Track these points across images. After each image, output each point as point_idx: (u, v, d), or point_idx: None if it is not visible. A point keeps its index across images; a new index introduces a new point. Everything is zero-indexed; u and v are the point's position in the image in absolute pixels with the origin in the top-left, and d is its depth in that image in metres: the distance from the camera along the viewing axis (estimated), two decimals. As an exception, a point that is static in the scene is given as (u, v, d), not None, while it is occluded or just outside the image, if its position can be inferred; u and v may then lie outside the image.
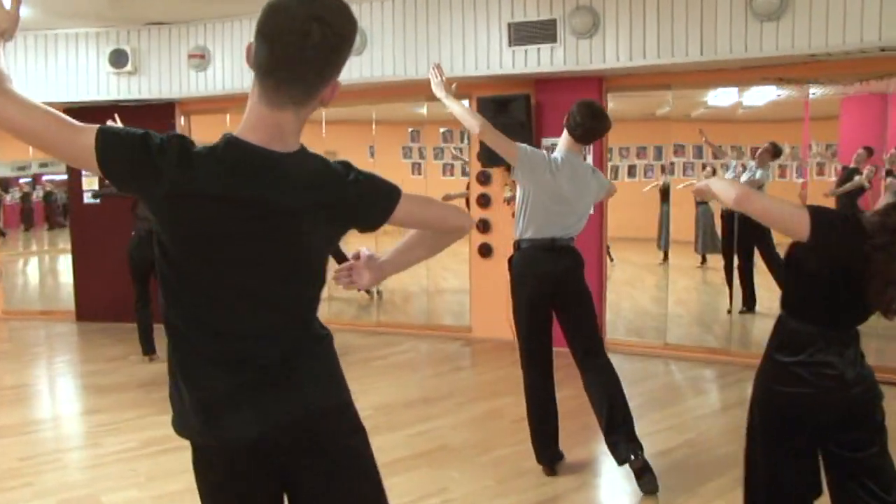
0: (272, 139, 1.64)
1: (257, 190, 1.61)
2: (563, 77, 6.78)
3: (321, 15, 1.55)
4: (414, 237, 1.99)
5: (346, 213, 1.73)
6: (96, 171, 1.60)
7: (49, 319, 8.85)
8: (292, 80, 1.60)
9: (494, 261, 7.41)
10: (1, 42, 1.63)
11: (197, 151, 1.60)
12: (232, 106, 8.18)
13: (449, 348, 7.35)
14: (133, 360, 6.91)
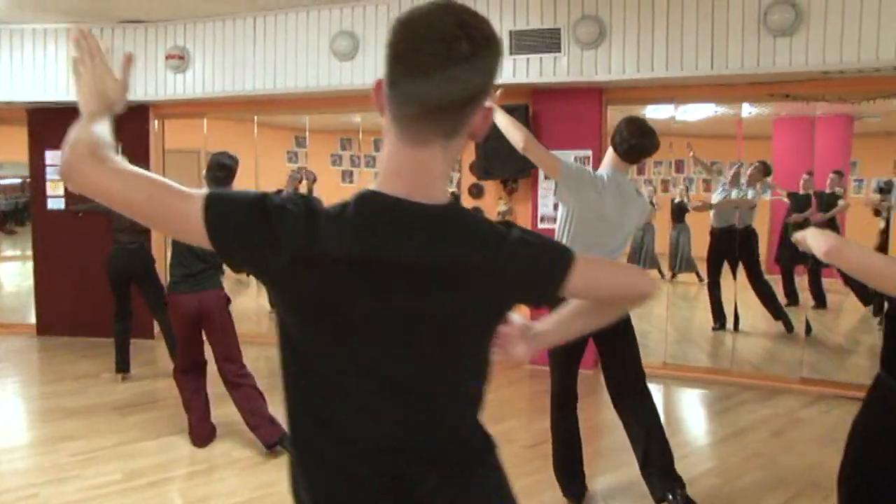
0: (416, 187, 1.34)
1: (398, 253, 1.31)
2: (563, 88, 6.57)
3: (466, 20, 1.27)
4: (582, 302, 1.63)
5: (507, 282, 1.40)
6: (206, 246, 1.31)
7: (5, 333, 8.29)
8: (436, 105, 1.29)
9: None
10: (108, 114, 1.52)
11: (325, 211, 1.32)
12: (210, 110, 7.80)
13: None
14: (105, 379, 6.47)
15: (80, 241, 7.87)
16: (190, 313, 4.74)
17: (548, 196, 6.79)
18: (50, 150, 7.91)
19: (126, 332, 6.47)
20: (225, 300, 4.81)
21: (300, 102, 7.47)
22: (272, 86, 7.02)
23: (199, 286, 4.72)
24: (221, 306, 4.77)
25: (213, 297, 4.75)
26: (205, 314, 4.73)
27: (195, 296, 4.72)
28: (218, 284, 4.80)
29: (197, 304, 4.71)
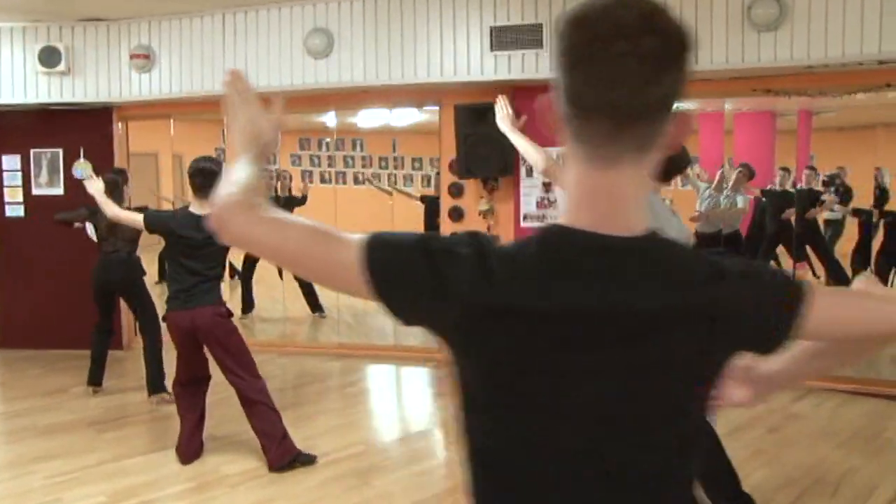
0: (608, 216, 1.13)
1: (597, 301, 1.10)
2: (542, 85, 6.42)
3: (650, 12, 1.08)
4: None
5: (727, 326, 1.14)
6: (365, 297, 1.14)
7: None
8: (627, 113, 1.09)
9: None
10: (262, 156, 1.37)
11: (501, 252, 1.13)
12: (176, 111, 7.54)
13: (422, 373, 6.91)
14: (76, 394, 6.19)
15: (43, 250, 7.55)
16: (183, 331, 4.49)
17: (531, 194, 6.69)
18: (7, 154, 7.55)
19: (105, 345, 6.19)
20: (222, 315, 4.54)
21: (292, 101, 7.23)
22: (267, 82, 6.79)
23: (191, 302, 4.45)
24: (217, 322, 4.47)
25: (208, 314, 4.45)
26: (200, 332, 4.47)
27: (188, 313, 4.45)
28: (214, 300, 4.53)
29: (190, 321, 4.45)
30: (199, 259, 4.44)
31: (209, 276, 4.48)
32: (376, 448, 5.01)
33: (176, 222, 4.49)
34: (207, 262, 4.45)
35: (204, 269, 4.42)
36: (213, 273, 4.49)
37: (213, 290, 4.53)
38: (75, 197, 7.42)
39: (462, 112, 6.52)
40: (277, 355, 7.40)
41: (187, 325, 4.44)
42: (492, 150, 6.47)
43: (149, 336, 5.96)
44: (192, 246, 4.41)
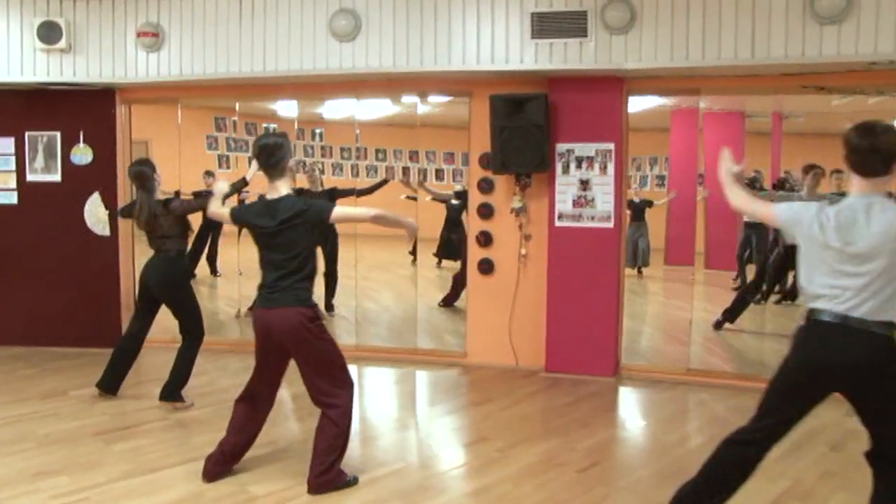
0: None
1: None
2: (581, 76, 6.09)
3: None
4: None
5: None
6: None
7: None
8: None
9: (496, 279, 6.63)
10: None
11: None
12: (184, 95, 7.04)
13: (446, 377, 6.50)
14: (76, 398, 5.70)
15: (37, 240, 7.04)
16: (261, 333, 3.96)
17: (567, 192, 6.30)
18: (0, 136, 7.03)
19: (127, 352, 5.66)
20: (308, 317, 3.85)
21: (291, 88, 6.79)
22: (261, 68, 6.33)
23: (272, 301, 3.88)
24: (299, 326, 3.82)
25: (289, 316, 3.83)
26: (280, 336, 3.87)
27: (267, 313, 3.89)
28: (300, 300, 3.86)
29: (267, 323, 3.89)
30: (277, 250, 3.88)
31: (290, 270, 3.83)
32: (418, 464, 4.60)
33: (251, 211, 3.99)
34: (285, 253, 3.85)
35: (283, 260, 3.85)
36: (294, 266, 3.84)
37: (299, 289, 3.86)
38: (73, 184, 6.93)
39: (498, 103, 6.11)
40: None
41: (265, 328, 3.91)
42: (528, 143, 6.09)
43: (189, 338, 5.47)
44: (266, 235, 3.90)
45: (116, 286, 7.07)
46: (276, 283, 3.86)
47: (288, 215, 3.78)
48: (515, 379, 6.38)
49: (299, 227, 3.79)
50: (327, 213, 3.82)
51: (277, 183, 3.89)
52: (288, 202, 3.82)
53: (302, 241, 3.83)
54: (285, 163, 3.88)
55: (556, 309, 6.40)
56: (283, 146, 3.87)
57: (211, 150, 8.04)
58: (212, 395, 5.76)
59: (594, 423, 5.33)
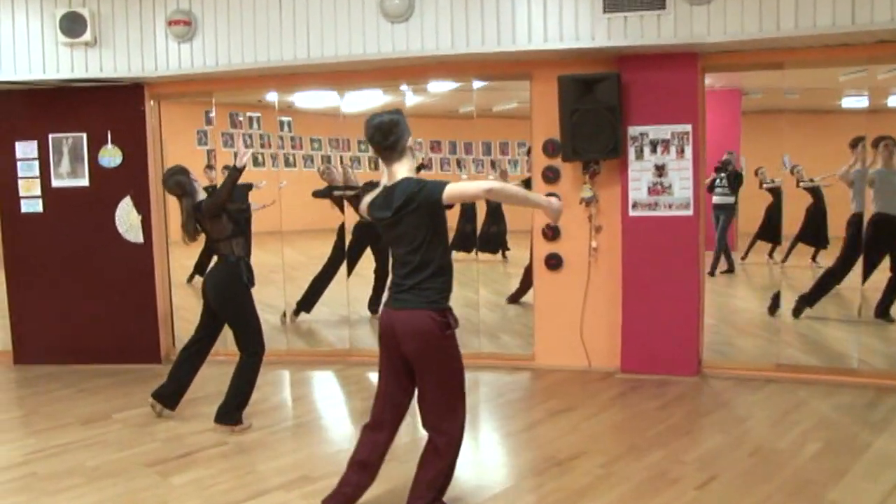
0: None
1: None
2: (652, 53, 5.59)
3: None
4: None
5: None
6: None
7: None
8: None
9: (564, 275, 6.14)
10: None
11: None
12: (218, 88, 6.53)
13: (516, 383, 6.01)
14: (120, 421, 5.22)
15: (62, 250, 6.55)
16: (383, 339, 3.42)
17: (641, 179, 5.81)
18: (22, 140, 6.51)
19: (187, 365, 5.16)
20: (438, 324, 3.27)
21: (337, 77, 6.27)
22: (305, 55, 5.82)
23: (397, 302, 3.33)
24: (427, 332, 3.25)
25: (416, 320, 3.26)
26: (404, 343, 3.32)
27: (392, 314, 3.35)
28: (429, 301, 3.27)
29: (391, 326, 3.35)
30: (398, 243, 3.36)
31: (414, 266, 3.28)
32: (517, 486, 4.11)
33: (374, 204, 3.46)
34: (406, 245, 3.32)
35: (405, 254, 3.32)
36: (417, 260, 3.27)
37: (424, 287, 3.27)
38: (102, 189, 6.44)
39: (567, 84, 5.61)
40: (344, 366, 6.49)
41: (389, 330, 3.38)
42: (600, 127, 5.60)
43: (245, 355, 4.96)
44: (386, 228, 3.38)
45: (152, 296, 6.58)
46: (402, 282, 3.32)
47: (401, 201, 3.25)
48: (591, 382, 5.90)
49: (414, 213, 3.22)
50: (439, 192, 3.18)
51: (395, 166, 3.33)
52: (402, 186, 3.28)
53: (421, 230, 3.24)
54: (404, 141, 3.33)
55: (632, 305, 5.92)
56: (399, 123, 3.32)
57: (201, 145, 7.46)
58: (267, 415, 5.28)
59: (694, 429, 4.86)
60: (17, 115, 6.48)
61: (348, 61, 5.78)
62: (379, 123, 3.30)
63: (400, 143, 3.31)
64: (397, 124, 3.31)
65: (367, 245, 7.23)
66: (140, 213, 6.44)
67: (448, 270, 3.36)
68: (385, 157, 3.35)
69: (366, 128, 3.34)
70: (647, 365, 5.92)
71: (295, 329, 7.18)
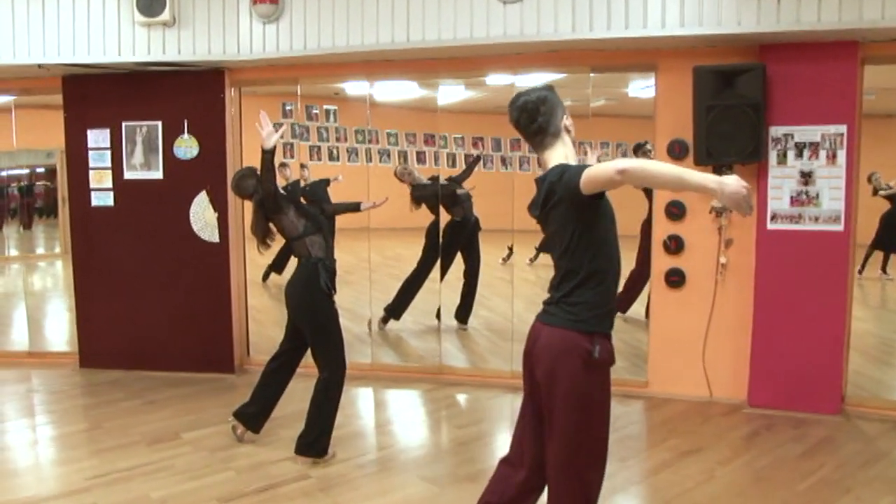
0: None
1: None
2: (803, 41, 4.82)
3: None
4: None
5: None
6: None
7: (40, 365, 6.48)
8: None
9: (686, 293, 5.41)
10: None
11: None
12: (304, 75, 5.96)
13: (630, 414, 5.30)
14: (190, 443, 4.70)
15: (132, 247, 6.09)
16: (524, 353, 2.77)
17: (783, 187, 5.05)
18: (94, 127, 6.06)
19: (273, 382, 4.59)
20: (584, 352, 2.55)
21: (433, 65, 5.65)
22: (403, 38, 5.21)
23: (544, 315, 2.69)
24: (567, 360, 2.57)
25: (557, 342, 2.59)
26: (539, 366, 2.65)
27: (536, 329, 2.71)
28: (578, 321, 2.57)
29: (533, 341, 2.71)
30: (550, 245, 2.72)
31: (563, 272, 2.63)
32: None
33: (532, 203, 2.81)
34: (556, 247, 2.66)
35: (557, 258, 2.67)
36: (565, 265, 2.62)
37: (572, 302, 2.59)
38: (177, 182, 5.95)
39: (704, 76, 4.87)
40: (434, 386, 5.87)
41: (529, 346, 2.74)
42: (740, 126, 4.86)
43: (326, 374, 4.35)
44: (542, 228, 2.76)
45: (227, 300, 6.06)
46: (552, 292, 2.69)
47: (545, 194, 2.62)
48: (715, 416, 5.16)
49: (558, 206, 2.57)
50: (578, 177, 2.47)
51: (548, 153, 2.70)
52: (549, 176, 2.62)
53: (568, 228, 2.57)
54: (557, 121, 2.67)
55: (764, 330, 5.16)
56: (547, 99, 2.67)
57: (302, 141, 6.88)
58: (350, 444, 4.69)
59: (855, 486, 4.07)
60: (89, 101, 6.02)
61: (453, 45, 5.14)
62: (524, 104, 2.67)
63: (552, 125, 2.66)
64: (545, 101, 2.66)
65: (459, 247, 6.57)
66: (216, 211, 5.93)
67: (605, 281, 2.61)
68: (535, 144, 2.72)
69: (510, 110, 2.71)
70: (779, 399, 5.16)
71: (380, 339, 6.57)
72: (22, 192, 8.03)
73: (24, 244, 8.46)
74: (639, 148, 5.90)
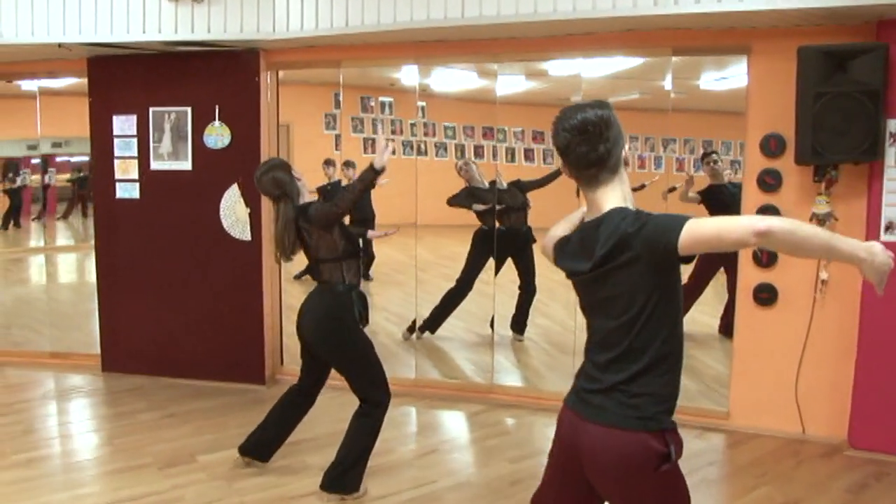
0: None
1: None
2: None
3: None
4: None
5: None
6: None
7: (62, 367, 6.04)
8: None
9: (778, 313, 4.66)
10: None
11: None
12: (347, 57, 5.38)
13: (710, 450, 4.59)
14: (205, 467, 4.17)
15: (158, 243, 5.60)
16: (559, 448, 2.18)
17: (902, 191, 4.26)
18: (120, 113, 5.57)
19: (288, 413, 4.06)
20: (658, 456, 1.96)
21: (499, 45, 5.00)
22: (457, 14, 4.57)
23: (592, 409, 2.03)
24: (641, 469, 1.97)
25: (626, 447, 1.97)
26: (595, 475, 2.06)
27: (583, 426, 2.06)
28: (645, 418, 1.97)
29: (575, 441, 2.09)
30: (602, 310, 2.06)
31: (622, 350, 2.00)
32: None
33: (568, 249, 2.17)
34: (611, 318, 2.01)
35: (613, 330, 2.01)
36: (626, 344, 1.98)
37: (640, 393, 1.99)
38: (206, 174, 5.43)
39: (812, 58, 4.11)
40: (484, 407, 5.22)
41: (569, 445, 2.12)
42: (853, 118, 4.09)
43: (367, 404, 3.79)
44: (583, 286, 2.12)
45: (258, 304, 5.52)
46: (600, 375, 2.04)
47: (609, 247, 1.95)
48: (811, 459, 4.41)
49: (629, 266, 1.94)
50: (676, 233, 1.85)
51: (601, 192, 2.04)
52: (610, 222, 1.98)
53: (640, 296, 1.95)
54: (618, 151, 2.03)
55: (871, 359, 4.39)
56: (612, 123, 2.01)
57: (329, 130, 6.29)
58: (386, 477, 4.10)
59: None
60: (115, 85, 5.54)
61: (511, 24, 4.48)
62: (583, 123, 1.99)
63: (613, 156, 2.01)
64: (610, 124, 2.01)
65: (510, 255, 5.87)
66: (249, 206, 5.39)
67: (676, 364, 2.04)
68: (586, 178, 2.05)
69: (559, 131, 2.03)
70: (889, 441, 4.39)
71: (425, 349, 5.95)
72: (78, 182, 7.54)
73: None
74: (705, 157, 5.18)
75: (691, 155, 5.60)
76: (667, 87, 4.84)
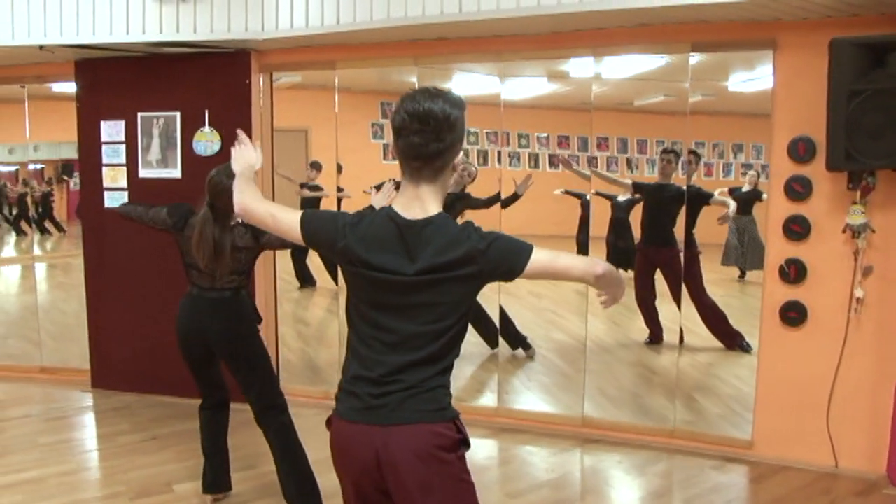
0: None
1: None
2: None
3: None
4: None
5: None
6: None
7: (51, 382, 5.81)
8: None
9: (808, 334, 4.23)
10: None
11: None
12: (342, 57, 5.06)
13: (730, 485, 4.17)
14: (179, 498, 3.88)
15: (148, 254, 5.32)
16: (350, 470, 2.01)
17: (948, 201, 3.82)
18: (108, 118, 5.31)
19: (217, 431, 3.82)
20: (456, 444, 1.99)
21: (503, 43, 4.64)
22: (455, 9, 4.22)
23: (388, 411, 1.93)
24: (442, 458, 1.94)
25: (429, 438, 1.93)
26: (400, 476, 1.92)
27: (374, 435, 1.94)
28: (443, 410, 1.97)
29: (373, 453, 1.93)
30: (402, 315, 1.96)
31: (424, 355, 1.94)
32: None
33: (367, 237, 2.01)
34: (417, 323, 1.93)
35: (411, 336, 1.94)
36: (431, 349, 1.95)
37: (431, 387, 1.97)
38: (197, 182, 5.12)
39: (846, 52, 3.70)
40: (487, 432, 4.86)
41: (365, 460, 1.97)
42: (893, 119, 3.67)
43: (276, 412, 3.63)
44: (393, 287, 1.96)
45: (251, 319, 5.21)
46: (396, 377, 1.94)
47: (447, 258, 1.89)
48: (846, 497, 3.98)
49: (462, 281, 1.92)
50: (521, 259, 1.91)
51: (427, 189, 1.94)
52: (445, 231, 1.92)
53: (459, 308, 1.95)
54: (456, 152, 1.95)
55: (914, 387, 3.96)
56: (460, 121, 1.92)
57: (376, 139, 6.04)
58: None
59: None
60: (102, 89, 5.29)
61: (514, 19, 4.12)
62: (426, 114, 1.85)
63: (442, 158, 1.92)
64: (453, 128, 1.89)
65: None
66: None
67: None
68: (409, 169, 1.94)
69: (399, 109, 1.90)
70: None
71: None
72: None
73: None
74: (665, 153, 4.89)
75: (720, 160, 5.21)
76: (687, 91, 4.44)
